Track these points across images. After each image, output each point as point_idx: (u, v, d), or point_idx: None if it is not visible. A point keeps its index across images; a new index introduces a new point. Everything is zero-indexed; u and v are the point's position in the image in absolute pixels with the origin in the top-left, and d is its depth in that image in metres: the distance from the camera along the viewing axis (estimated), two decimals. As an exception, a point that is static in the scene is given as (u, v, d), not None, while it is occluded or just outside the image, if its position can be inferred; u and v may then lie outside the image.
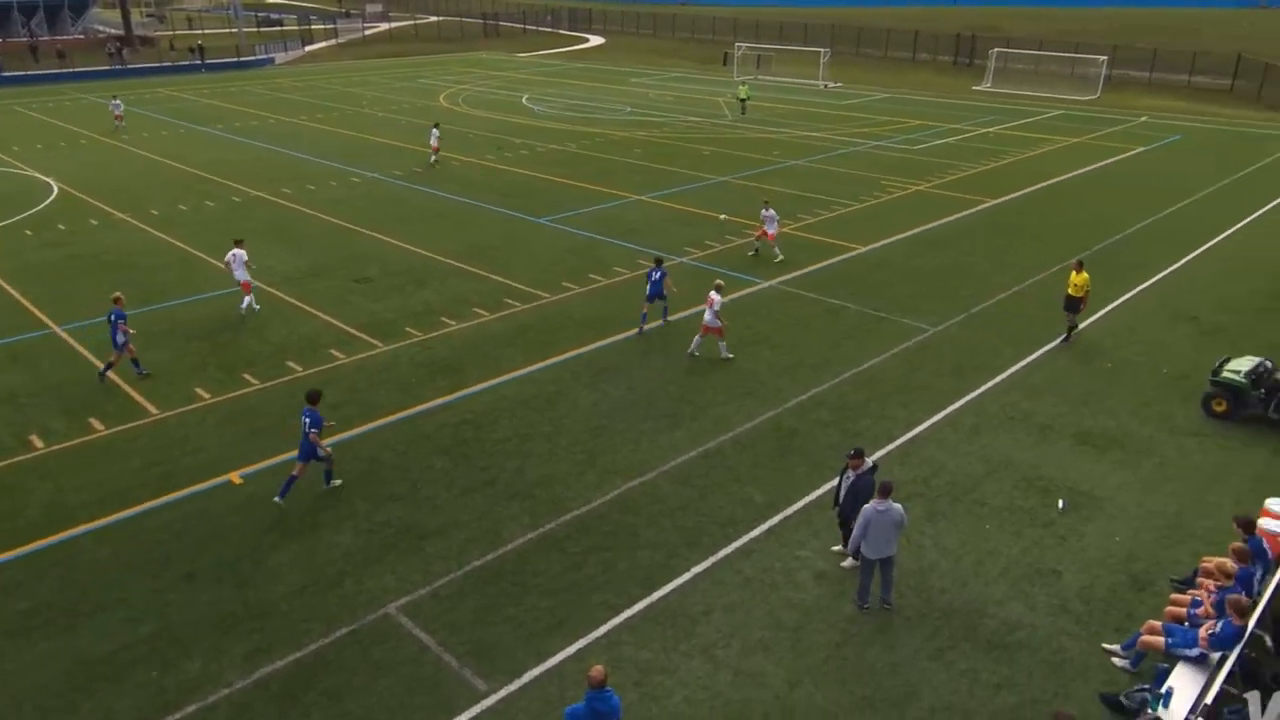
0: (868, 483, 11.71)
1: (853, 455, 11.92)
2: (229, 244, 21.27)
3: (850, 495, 11.83)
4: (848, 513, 11.89)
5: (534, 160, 38.03)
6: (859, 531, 11.24)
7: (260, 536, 12.89)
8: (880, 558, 11.34)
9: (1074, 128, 46.98)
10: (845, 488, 11.97)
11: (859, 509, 11.40)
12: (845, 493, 11.94)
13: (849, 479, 11.92)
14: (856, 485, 11.76)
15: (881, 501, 11.13)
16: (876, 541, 11.19)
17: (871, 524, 11.12)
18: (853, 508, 11.67)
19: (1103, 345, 19.40)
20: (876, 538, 11.17)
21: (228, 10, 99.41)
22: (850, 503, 11.80)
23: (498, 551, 12.57)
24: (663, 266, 20.00)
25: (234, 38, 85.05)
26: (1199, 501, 13.83)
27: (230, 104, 52.88)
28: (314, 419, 13.50)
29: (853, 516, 11.63)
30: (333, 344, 19.36)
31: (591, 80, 66.55)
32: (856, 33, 79.49)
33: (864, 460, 11.91)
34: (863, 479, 11.76)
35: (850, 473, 11.92)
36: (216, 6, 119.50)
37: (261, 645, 10.85)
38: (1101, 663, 10.65)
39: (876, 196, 31.84)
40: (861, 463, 11.85)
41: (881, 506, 11.11)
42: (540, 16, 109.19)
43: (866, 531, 11.16)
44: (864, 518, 11.13)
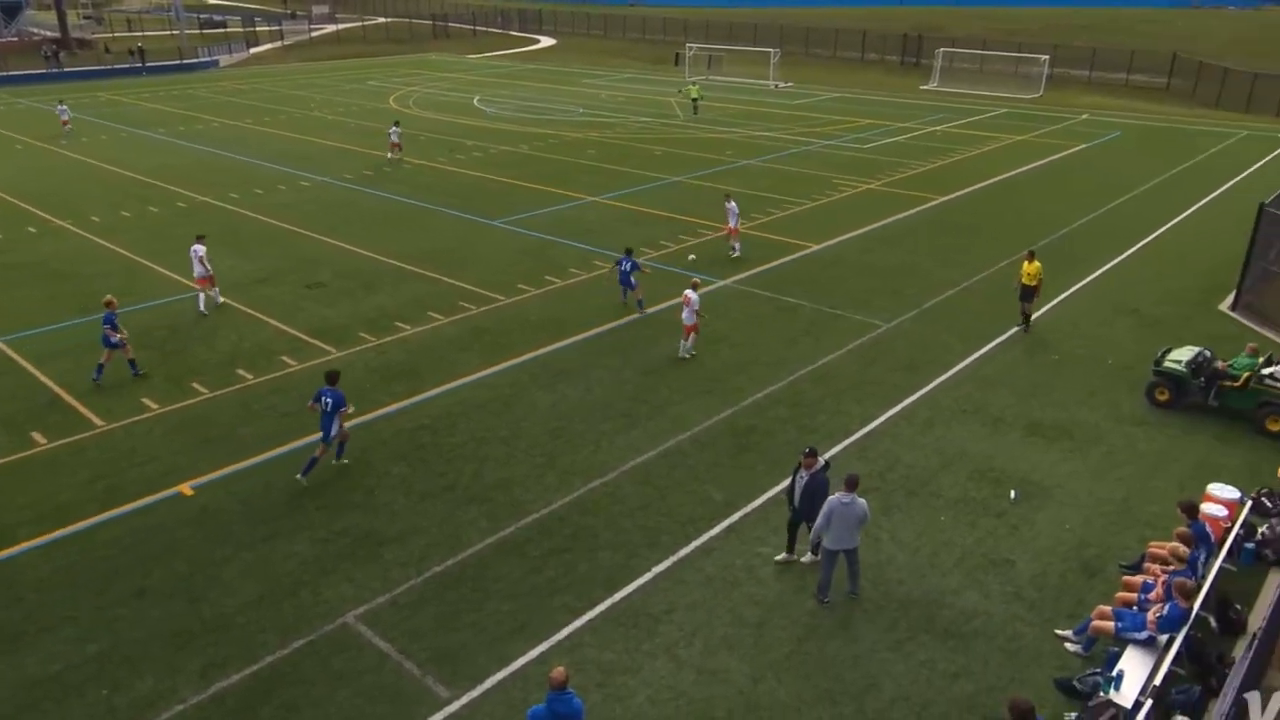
0: (822, 482, 11.75)
1: (806, 454, 11.89)
2: (174, 251, 20.84)
3: (806, 495, 11.82)
4: (805, 513, 11.90)
5: (487, 162, 37.78)
6: (822, 522, 11.37)
7: (213, 549, 12.62)
8: (842, 549, 11.47)
9: (1018, 125, 47.95)
10: (800, 488, 11.92)
11: (816, 508, 11.49)
12: (801, 493, 11.90)
13: (803, 479, 11.89)
14: (811, 485, 11.76)
15: (846, 494, 11.27)
16: (839, 533, 11.32)
17: (835, 515, 11.24)
18: (810, 508, 11.73)
19: (1049, 338, 19.83)
20: (839, 530, 11.30)
21: (168, 12, 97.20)
22: (807, 503, 11.81)
23: (457, 557, 12.47)
24: (632, 256, 20.98)
25: (176, 40, 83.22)
26: (1145, 488, 14.20)
27: (173, 107, 51.71)
28: (336, 399, 13.96)
29: (810, 516, 11.71)
30: (284, 351, 19.03)
31: (543, 81, 66.31)
32: (805, 33, 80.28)
33: (817, 459, 11.90)
34: (816, 478, 11.77)
35: (804, 472, 11.89)
36: (157, 8, 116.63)
37: (216, 660, 10.64)
38: (1055, 648, 10.86)
39: (828, 195, 32.18)
40: (815, 462, 11.84)
41: (846, 499, 11.24)
42: (490, 18, 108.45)
43: (829, 523, 11.28)
44: (828, 508, 11.27)
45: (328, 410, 13.97)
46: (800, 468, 11.96)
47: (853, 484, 11.32)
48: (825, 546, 11.51)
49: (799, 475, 11.97)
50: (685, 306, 18.36)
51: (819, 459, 11.96)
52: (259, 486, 14.14)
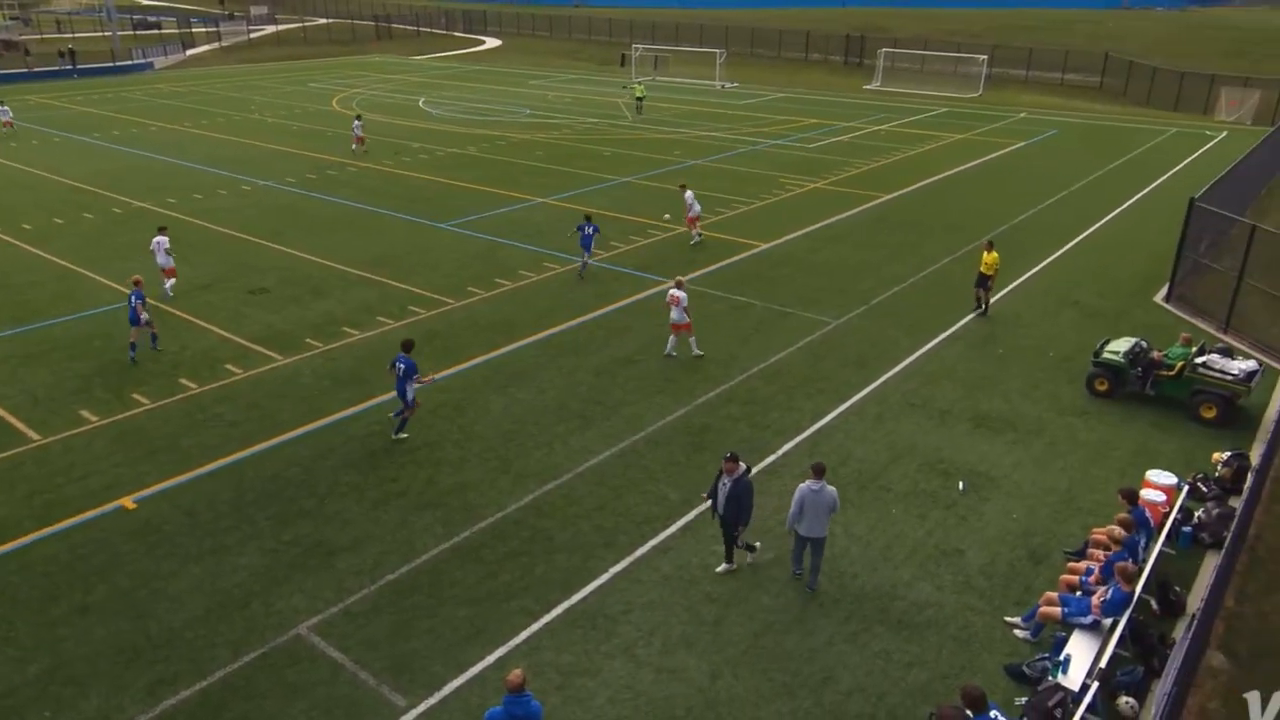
0: (746, 486, 11.64)
1: (728, 459, 11.65)
2: (110, 258, 20.30)
3: (732, 501, 11.64)
4: (732, 518, 11.76)
5: (433, 164, 37.40)
6: (795, 510, 11.56)
7: (159, 563, 12.31)
8: (812, 537, 11.65)
9: (959, 124, 48.93)
10: (724, 494, 11.70)
11: (743, 514, 11.57)
12: (725, 499, 11.69)
13: (725, 485, 11.68)
14: (736, 490, 11.60)
15: (815, 481, 11.47)
16: (810, 521, 11.54)
17: (806, 503, 11.45)
18: (736, 514, 11.65)
19: (994, 332, 20.27)
20: (811, 518, 11.51)
21: (100, 13, 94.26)
22: (733, 507, 11.65)
23: (412, 564, 12.33)
24: (594, 223, 23.01)
25: (108, 41, 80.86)
26: (1086, 476, 14.58)
27: (107, 111, 50.26)
28: (408, 366, 15.06)
29: (738, 519, 11.69)
30: (229, 359, 18.63)
31: (489, 83, 65.85)
32: (750, 33, 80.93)
33: (739, 464, 11.66)
34: (740, 483, 11.60)
35: (725, 478, 11.68)
36: (88, 8, 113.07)
37: (165, 676, 10.38)
38: (1005, 635, 11.10)
39: (776, 194, 32.48)
40: (736, 467, 11.61)
41: (815, 486, 11.45)
42: (434, 18, 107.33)
43: (802, 510, 11.49)
44: (799, 497, 11.48)
45: (400, 375, 15.10)
46: (722, 473, 11.75)
47: (820, 471, 11.54)
48: (798, 532, 11.73)
49: (721, 481, 11.76)
50: (673, 306, 18.20)
51: (740, 464, 11.70)
52: (205, 498, 13.81)
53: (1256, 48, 65.27)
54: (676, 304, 18.21)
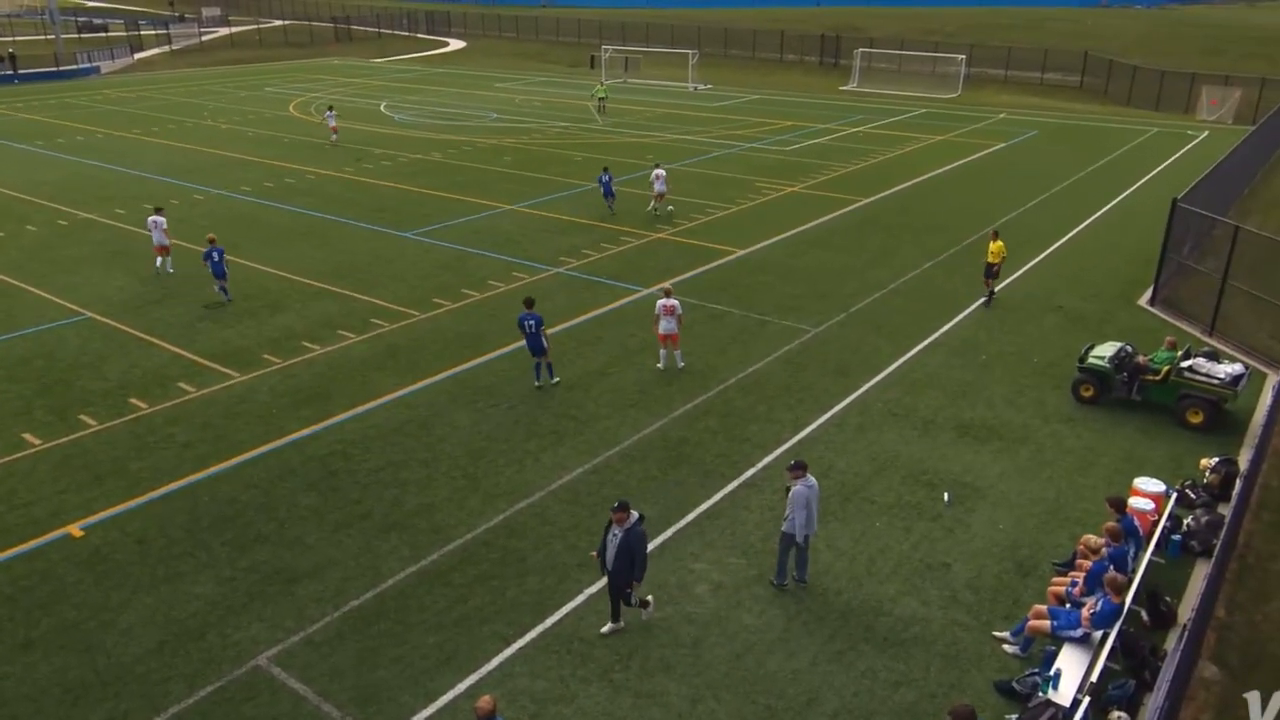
0: (638, 536, 10.56)
1: (616, 509, 10.54)
2: (55, 272, 19.59)
3: (623, 553, 10.49)
4: (623, 577, 10.62)
5: (397, 171, 36.72)
6: (803, 514, 11.35)
7: (108, 593, 11.76)
8: (806, 534, 11.61)
9: (938, 125, 48.99)
10: (614, 546, 10.53)
11: (636, 569, 10.53)
12: (616, 551, 10.52)
13: (615, 537, 10.52)
14: (628, 541, 10.46)
15: (808, 478, 11.45)
16: (813, 517, 11.55)
17: (810, 501, 11.39)
18: (627, 568, 10.54)
19: (977, 338, 20.02)
20: (814, 514, 11.54)
21: (42, 15, 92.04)
22: (624, 561, 10.52)
23: (377, 589, 11.86)
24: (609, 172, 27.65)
25: (51, 45, 78.94)
26: (1074, 485, 14.33)
27: (50, 118, 48.93)
28: (537, 319, 16.87)
29: (628, 577, 10.59)
30: (181, 376, 17.93)
31: (454, 86, 65.17)
32: (723, 34, 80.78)
33: (629, 514, 10.53)
34: (633, 532, 10.50)
35: (616, 529, 10.54)
36: (29, 10, 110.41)
37: (115, 713, 9.92)
38: (994, 651, 10.84)
39: (752, 199, 32.19)
40: (627, 516, 10.50)
41: (810, 482, 11.44)
42: (396, 20, 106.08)
43: (806, 509, 11.36)
44: (802, 499, 11.29)
45: (532, 331, 16.80)
46: (611, 524, 10.62)
47: (804, 467, 11.51)
48: (787, 533, 11.56)
49: (610, 533, 10.61)
50: (666, 316, 17.56)
51: (631, 513, 10.57)
52: (156, 524, 13.23)
53: (1236, 46, 66.19)
54: (670, 314, 17.56)
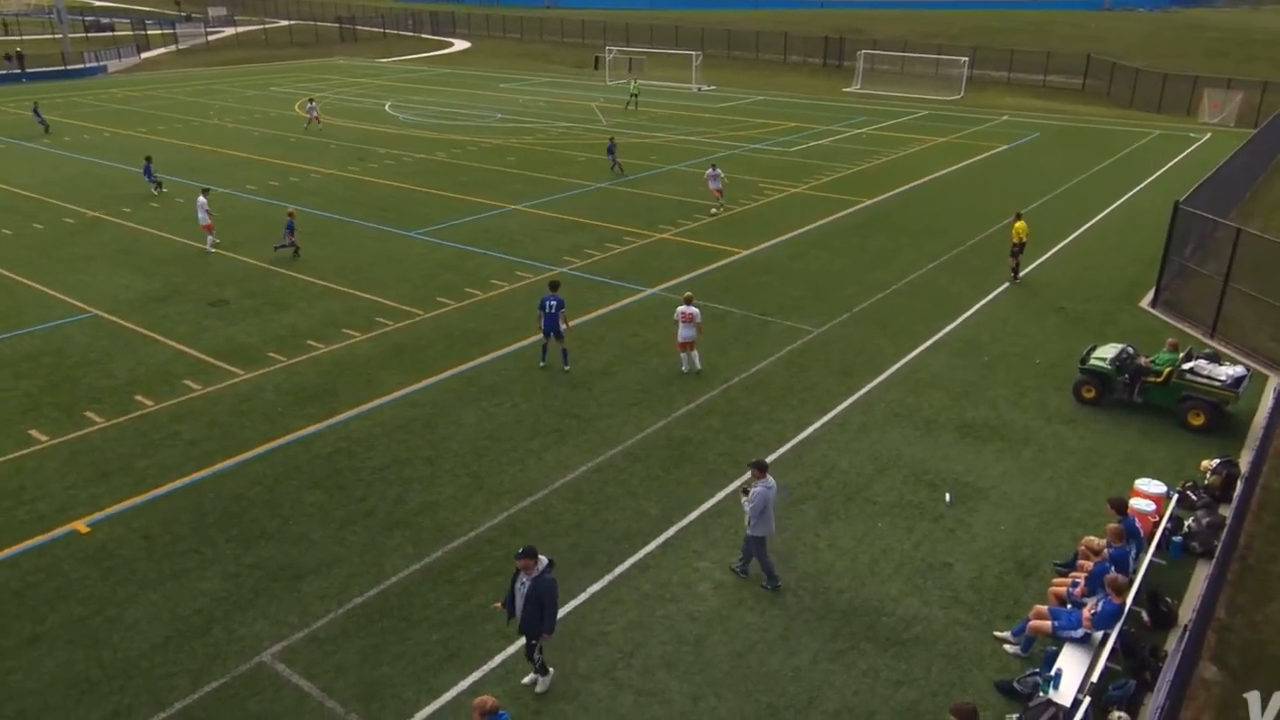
0: (549, 583, 9.79)
1: (521, 556, 9.76)
2: (63, 270, 19.68)
3: (532, 602, 9.75)
4: (532, 627, 9.91)
5: (401, 171, 36.81)
6: (768, 514, 11.47)
7: (114, 589, 11.82)
8: (770, 535, 11.71)
9: (941, 127, 48.99)
10: (523, 595, 9.79)
11: (545, 620, 9.86)
12: (525, 600, 9.78)
13: (524, 585, 9.77)
14: (537, 590, 9.74)
15: (768, 479, 11.50)
16: (771, 519, 11.60)
17: (771, 502, 11.46)
18: (538, 616, 9.83)
19: (979, 339, 20.04)
20: (771, 515, 11.59)
21: (50, 14, 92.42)
22: (534, 609, 9.79)
23: (381, 586, 11.91)
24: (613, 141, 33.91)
25: (58, 44, 79.23)
26: (1075, 485, 14.35)
27: (58, 117, 49.05)
28: (559, 301, 17.48)
29: (538, 628, 9.91)
30: (187, 374, 18.02)
31: (459, 86, 65.26)
32: (727, 35, 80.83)
33: (537, 560, 9.76)
34: (542, 580, 9.75)
35: (524, 577, 9.77)
36: (37, 10, 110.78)
37: (120, 708, 9.97)
38: (995, 650, 10.87)
39: (755, 200, 32.23)
40: (534, 564, 9.73)
41: (771, 483, 11.50)
42: (400, 20, 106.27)
43: (764, 511, 11.44)
44: (765, 500, 11.36)
45: (551, 312, 17.40)
46: (519, 572, 9.85)
47: (764, 467, 11.57)
48: (753, 535, 11.64)
49: (519, 581, 9.84)
50: (685, 323, 17.42)
51: (539, 559, 9.80)
52: (162, 520, 13.29)
53: (1238, 49, 66.08)
54: (689, 321, 17.41)
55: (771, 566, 11.91)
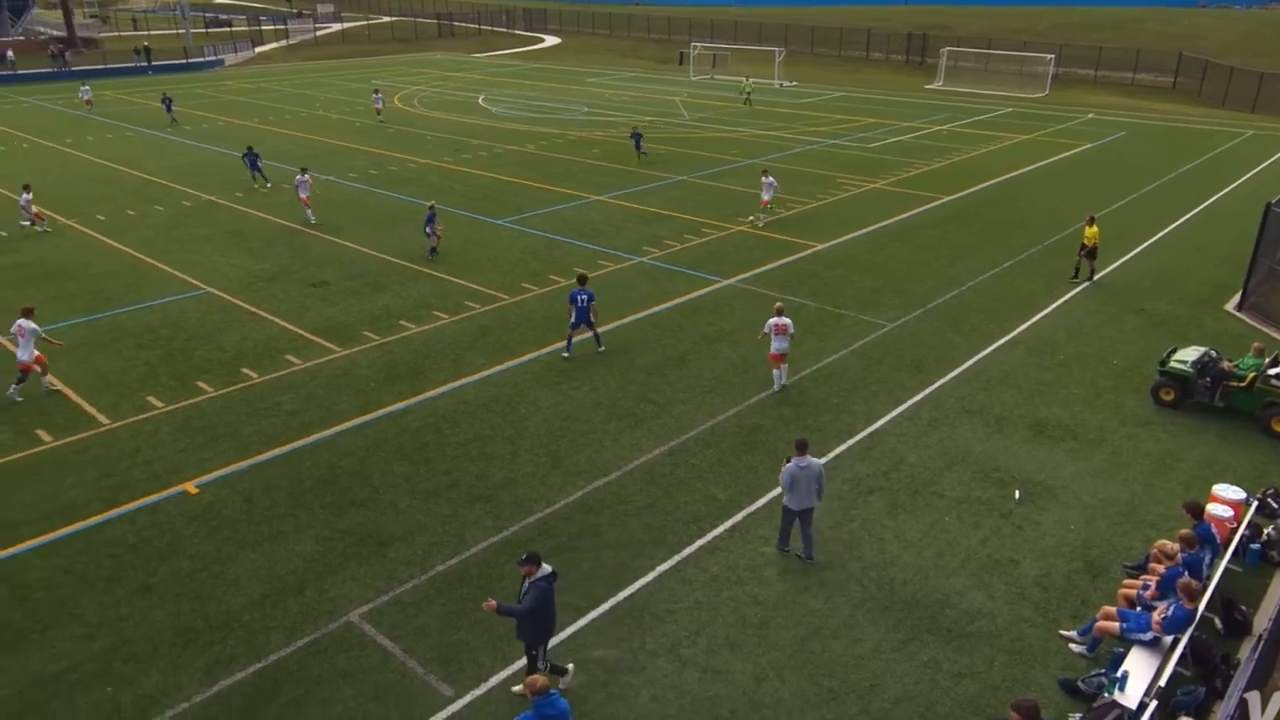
0: (538, 587, 9.55)
1: (524, 561, 9.61)
2: (179, 249, 20.95)
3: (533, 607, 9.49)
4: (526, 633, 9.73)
5: (492, 162, 37.80)
6: (786, 483, 11.96)
7: (218, 547, 12.63)
8: (802, 509, 12.09)
9: (1024, 125, 47.84)
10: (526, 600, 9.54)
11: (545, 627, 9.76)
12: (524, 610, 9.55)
13: (523, 590, 9.59)
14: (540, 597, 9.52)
15: (801, 458, 11.87)
16: (799, 495, 12.02)
17: (796, 480, 11.90)
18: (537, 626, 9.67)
19: (1055, 338, 19.76)
20: (801, 492, 12.00)
21: (174, 11, 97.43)
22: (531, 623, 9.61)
23: (461, 556, 12.45)
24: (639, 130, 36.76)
25: (181, 39, 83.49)
26: (1150, 488, 14.14)
27: (178, 107, 51.77)
28: (590, 295, 18.16)
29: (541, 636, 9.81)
30: (289, 349, 19.05)
31: (548, 80, 66.32)
32: (810, 32, 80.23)
33: (538, 566, 9.59)
34: (534, 584, 9.56)
35: (526, 582, 9.61)
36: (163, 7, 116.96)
37: (221, 657, 10.64)
38: (1059, 649, 10.82)
39: (833, 194, 32.14)
40: (535, 569, 9.55)
41: (803, 463, 11.87)
42: (495, 16, 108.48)
43: (792, 486, 11.92)
44: (788, 475, 11.88)
45: (583, 305, 18.04)
46: (524, 578, 9.69)
47: (803, 446, 11.96)
48: (785, 505, 12.16)
49: (522, 587, 9.71)
50: (778, 335, 16.74)
51: (540, 566, 9.62)
52: (263, 485, 14.14)
53: (1339, 47, 62.61)
54: (783, 333, 16.73)
55: (784, 534, 12.50)
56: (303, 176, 28.30)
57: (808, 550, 12.40)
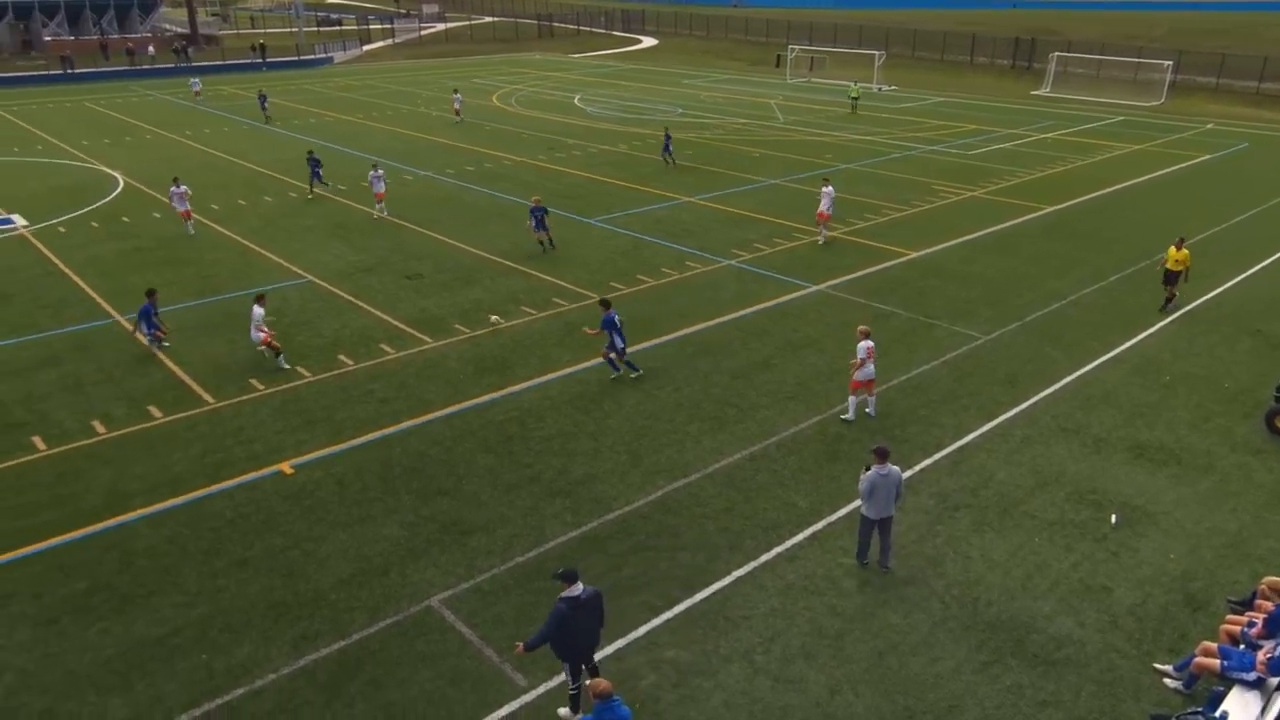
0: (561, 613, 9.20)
1: (561, 576, 9.37)
2: (284, 239, 21.76)
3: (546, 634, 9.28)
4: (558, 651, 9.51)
5: (586, 161, 38.22)
6: (866, 491, 11.74)
7: (310, 526, 13.12)
8: (880, 518, 11.91)
9: (1136, 134, 45.85)
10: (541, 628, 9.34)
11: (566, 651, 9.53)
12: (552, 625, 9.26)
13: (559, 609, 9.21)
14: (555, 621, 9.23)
15: (882, 466, 11.68)
16: (879, 504, 11.81)
17: (876, 487, 11.68)
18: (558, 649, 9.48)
19: (1160, 358, 18.89)
20: (880, 500, 11.79)
21: (289, 10, 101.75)
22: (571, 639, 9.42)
23: (540, 549, 12.62)
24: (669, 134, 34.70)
25: (294, 37, 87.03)
26: (1260, 521, 13.39)
27: (289, 102, 54.07)
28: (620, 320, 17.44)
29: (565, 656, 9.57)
30: (383, 339, 19.66)
31: (643, 81, 66.67)
32: (912, 35, 78.49)
33: (570, 584, 9.31)
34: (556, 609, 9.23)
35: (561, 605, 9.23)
36: (279, 6, 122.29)
37: (309, 633, 11.04)
38: (1153, 683, 10.37)
39: (930, 201, 31.41)
40: (565, 587, 9.32)
41: (883, 470, 11.67)
42: (593, 18, 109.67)
43: (872, 494, 11.72)
44: (868, 482, 11.70)
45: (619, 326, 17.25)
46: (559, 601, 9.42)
47: (884, 454, 11.74)
48: (863, 514, 11.95)
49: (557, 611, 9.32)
50: (870, 359, 15.82)
51: (574, 583, 9.32)
52: (354, 469, 14.61)
53: None
54: (871, 356, 15.92)
55: (863, 546, 12.24)
56: (376, 172, 28.80)
57: (885, 559, 12.21)
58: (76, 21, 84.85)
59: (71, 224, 28.79)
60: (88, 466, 14.66)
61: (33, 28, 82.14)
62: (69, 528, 13.06)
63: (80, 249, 26.05)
